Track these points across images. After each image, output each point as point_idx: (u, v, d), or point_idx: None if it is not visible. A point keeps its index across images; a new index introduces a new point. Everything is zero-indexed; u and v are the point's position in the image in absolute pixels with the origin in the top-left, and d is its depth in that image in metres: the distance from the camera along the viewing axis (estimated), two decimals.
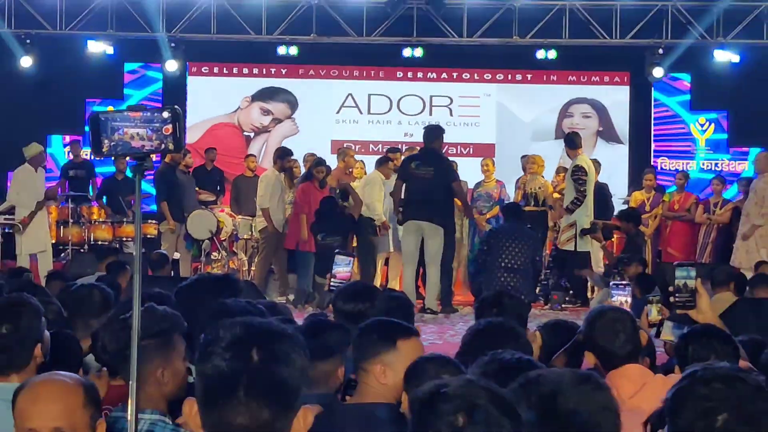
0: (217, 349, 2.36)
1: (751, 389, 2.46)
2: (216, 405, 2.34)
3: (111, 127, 2.86)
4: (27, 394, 3.20)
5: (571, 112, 20.85)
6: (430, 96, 20.76)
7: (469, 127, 20.55)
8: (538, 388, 2.62)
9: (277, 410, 2.34)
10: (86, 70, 19.87)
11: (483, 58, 20.16)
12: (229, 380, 2.33)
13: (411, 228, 13.22)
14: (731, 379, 2.48)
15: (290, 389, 2.37)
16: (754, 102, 19.69)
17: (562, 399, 2.58)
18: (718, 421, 2.42)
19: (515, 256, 12.73)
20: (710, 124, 20.66)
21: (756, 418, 2.42)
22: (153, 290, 5.41)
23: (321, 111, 20.60)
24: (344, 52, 20.03)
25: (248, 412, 2.32)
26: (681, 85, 20.67)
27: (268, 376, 2.34)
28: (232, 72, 20.91)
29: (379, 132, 20.11)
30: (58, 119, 19.28)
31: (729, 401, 2.43)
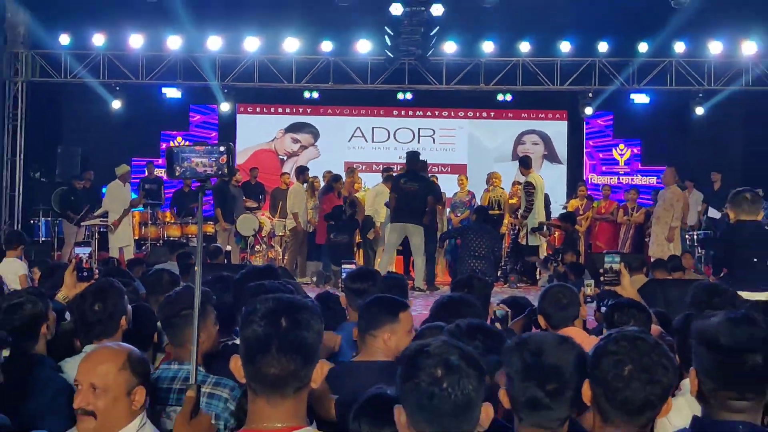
0: (254, 318, 2.40)
1: (649, 346, 2.45)
2: (254, 360, 2.36)
3: (181, 157, 2.91)
4: (84, 356, 3.22)
5: (523, 140, 20.81)
6: (418, 128, 20.72)
7: (447, 152, 20.53)
8: (527, 347, 2.59)
9: (301, 363, 2.37)
10: (161, 109, 19.89)
11: (457, 100, 20.12)
12: (264, 342, 2.36)
13: (397, 227, 13.16)
14: (634, 339, 2.47)
15: (310, 347, 2.40)
16: (661, 132, 19.73)
17: (546, 355, 2.55)
18: (624, 371, 2.40)
19: (481, 247, 12.78)
20: (628, 149, 20.67)
21: (652, 368, 2.41)
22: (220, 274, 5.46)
23: (336, 140, 20.56)
24: (354, 96, 19.98)
25: (279, 365, 2.34)
26: (605, 120, 20.67)
27: (294, 338, 2.37)
28: (270, 111, 20.90)
29: (380, 155, 20.11)
30: (139, 147, 19.26)
31: (632, 355, 2.42)
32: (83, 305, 4.15)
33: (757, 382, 2.53)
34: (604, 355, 2.47)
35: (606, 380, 2.43)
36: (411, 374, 2.27)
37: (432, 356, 2.27)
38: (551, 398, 2.51)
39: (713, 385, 2.56)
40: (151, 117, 19.79)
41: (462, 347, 2.34)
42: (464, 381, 2.23)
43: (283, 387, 2.35)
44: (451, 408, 2.22)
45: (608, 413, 2.45)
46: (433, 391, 2.22)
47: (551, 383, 2.51)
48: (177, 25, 17.72)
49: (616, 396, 2.41)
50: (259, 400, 2.38)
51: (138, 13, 16.93)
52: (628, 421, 2.43)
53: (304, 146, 20.79)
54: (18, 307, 4.13)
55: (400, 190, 13.21)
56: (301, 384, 2.39)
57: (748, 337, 2.52)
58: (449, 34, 18.30)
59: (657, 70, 18.76)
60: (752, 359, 2.51)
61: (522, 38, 18.61)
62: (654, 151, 19.97)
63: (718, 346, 2.54)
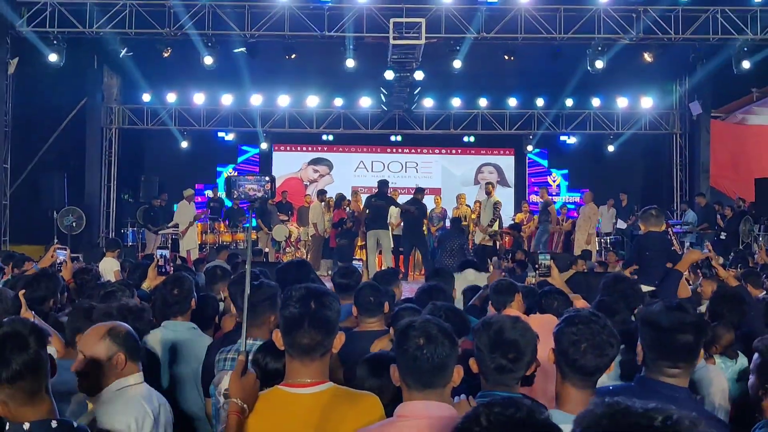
0: (291, 302, 2.41)
1: (600, 327, 2.43)
2: (291, 333, 2.38)
3: (238, 184, 2.92)
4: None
5: (482, 170, 20.77)
6: (405, 162, 20.69)
7: (426, 179, 20.42)
8: (492, 327, 2.61)
9: (326, 335, 2.39)
10: (217, 148, 19.89)
11: (434, 140, 20.14)
12: (298, 319, 2.37)
13: (371, 234, 13.11)
14: (588, 320, 2.45)
15: (332, 323, 2.41)
16: (583, 164, 19.77)
17: (506, 332, 2.57)
18: (581, 348, 2.39)
19: (454, 248, 12.74)
20: (559, 176, 20.71)
21: (603, 346, 2.40)
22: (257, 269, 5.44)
23: (345, 170, 20.53)
24: (358, 138, 19.96)
25: (310, 337, 2.36)
26: (542, 155, 20.69)
27: (321, 315, 2.39)
28: (297, 149, 20.84)
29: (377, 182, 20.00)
30: (200, 176, 19.26)
31: (586, 335, 2.41)
32: (164, 290, 4.14)
33: (687, 355, 2.54)
34: (565, 334, 2.44)
35: (566, 352, 2.42)
36: (402, 342, 2.29)
37: (417, 329, 2.29)
38: (513, 364, 2.54)
39: (653, 356, 2.56)
40: (210, 154, 19.78)
41: (440, 323, 2.35)
42: (440, 348, 2.24)
43: (313, 352, 2.37)
44: (430, 367, 2.23)
45: (566, 374, 2.45)
46: (416, 354, 2.24)
47: (512, 353, 2.55)
48: (229, 86, 17.81)
49: (574, 364, 2.41)
50: (295, 362, 2.39)
51: (200, 77, 16.95)
52: (582, 379, 2.42)
53: (322, 175, 20.77)
54: (112, 294, 4.14)
55: (371, 206, 13.23)
56: (325, 350, 2.40)
57: (680, 320, 2.52)
58: (428, 93, 18.36)
59: (579, 118, 18.86)
60: (683, 338, 2.51)
61: (480, 95, 18.71)
62: (578, 177, 20.01)
63: (658, 327, 2.54)
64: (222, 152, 20.04)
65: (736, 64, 14.27)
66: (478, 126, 19.10)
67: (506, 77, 17.68)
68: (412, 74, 15.50)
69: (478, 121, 19.04)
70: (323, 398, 2.35)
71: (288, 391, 2.37)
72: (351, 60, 14.65)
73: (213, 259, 9.81)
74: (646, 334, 2.59)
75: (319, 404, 2.34)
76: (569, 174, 20.51)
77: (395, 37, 13.33)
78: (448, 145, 20.57)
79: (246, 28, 14.34)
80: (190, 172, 18.84)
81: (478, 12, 14.26)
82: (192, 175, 18.64)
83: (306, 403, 2.34)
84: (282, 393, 2.39)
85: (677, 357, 2.52)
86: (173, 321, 4.01)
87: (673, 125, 18.72)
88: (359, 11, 14.15)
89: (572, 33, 14.24)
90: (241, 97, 18.38)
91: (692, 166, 18.09)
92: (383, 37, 13.70)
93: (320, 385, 2.38)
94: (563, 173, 20.66)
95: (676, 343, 2.51)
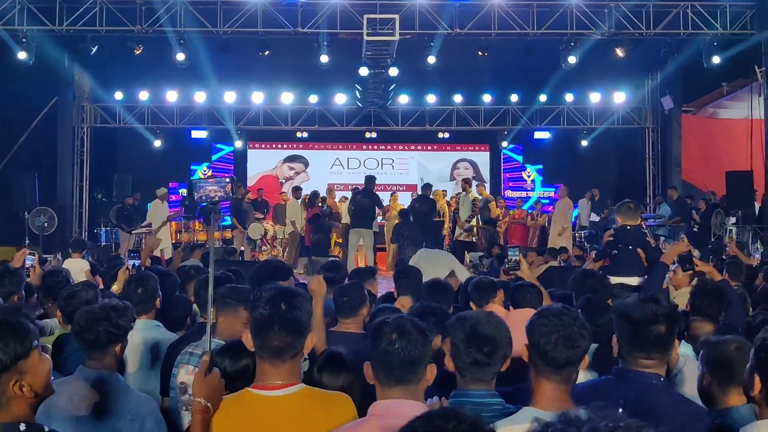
0: (260, 303, 2.36)
1: (570, 319, 2.42)
2: (261, 334, 2.34)
3: (198, 186, 2.89)
4: None
5: (458, 166, 20.83)
6: (381, 158, 20.64)
7: (403, 175, 20.49)
8: (467, 322, 2.60)
9: (296, 336, 2.34)
10: (190, 146, 19.70)
11: (409, 137, 20.10)
12: (268, 321, 2.32)
13: (355, 232, 13.04)
14: (559, 314, 2.44)
15: (303, 324, 2.36)
16: (557, 159, 19.85)
17: (480, 327, 2.56)
18: (552, 339, 2.38)
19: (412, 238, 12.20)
20: (534, 171, 20.80)
21: (574, 337, 2.38)
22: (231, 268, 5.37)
23: (321, 167, 20.44)
24: (334, 135, 19.89)
25: (280, 338, 2.31)
26: (517, 150, 20.76)
27: (291, 317, 2.33)
28: (272, 147, 20.71)
29: (353, 178, 19.83)
30: (174, 174, 19.05)
31: (557, 327, 2.39)
32: (128, 289, 4.14)
33: (660, 346, 2.55)
34: (537, 327, 2.43)
35: (538, 345, 2.40)
36: (375, 338, 2.28)
37: (390, 325, 2.28)
38: (489, 357, 2.53)
39: (628, 348, 2.58)
40: (183, 152, 19.61)
41: (412, 320, 2.35)
42: (412, 344, 2.24)
43: (283, 354, 2.32)
44: (402, 362, 2.22)
45: (540, 368, 2.42)
46: (389, 349, 2.23)
47: (487, 347, 2.53)
48: (202, 83, 17.62)
49: (546, 356, 2.39)
50: (265, 364, 2.34)
51: (173, 74, 16.79)
52: (555, 372, 2.40)
53: (298, 172, 20.65)
54: (76, 294, 4.06)
55: (356, 203, 13.15)
56: (296, 351, 2.35)
57: (653, 312, 2.53)
58: (402, 89, 18.35)
59: (553, 113, 18.95)
60: (656, 329, 2.53)
61: (455, 92, 18.71)
62: (552, 172, 20.10)
63: (631, 319, 2.56)
64: (196, 150, 19.85)
65: (707, 59, 14.42)
66: (453, 122, 19.11)
67: (480, 73, 17.70)
68: (387, 71, 15.47)
69: (453, 117, 19.06)
70: (294, 400, 2.31)
71: (258, 394, 2.32)
72: (325, 56, 14.57)
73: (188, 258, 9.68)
74: (620, 327, 2.61)
75: (290, 406, 2.29)
76: (543, 169, 20.60)
77: (369, 34, 13.27)
78: (423, 142, 20.53)
79: (218, 25, 14.19)
80: (163, 170, 18.64)
81: (451, 8, 14.26)
82: (165, 174, 18.44)
83: (277, 405, 2.30)
84: (252, 395, 2.33)
85: (651, 348, 2.54)
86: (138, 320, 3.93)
87: (645, 120, 18.88)
88: (333, 7, 14.08)
89: (545, 29, 14.29)
90: (215, 95, 18.21)
91: (664, 160, 18.26)
92: (357, 33, 13.64)
93: (291, 387, 2.33)
94: (538, 168, 20.73)
95: (650, 334, 2.52)
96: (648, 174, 18.75)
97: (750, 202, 13.92)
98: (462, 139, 20.41)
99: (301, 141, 20.21)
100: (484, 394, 2.55)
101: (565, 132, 19.44)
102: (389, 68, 15.34)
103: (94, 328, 2.91)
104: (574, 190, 16.01)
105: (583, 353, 2.45)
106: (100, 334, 2.91)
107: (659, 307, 2.55)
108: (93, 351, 2.93)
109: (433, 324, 3.12)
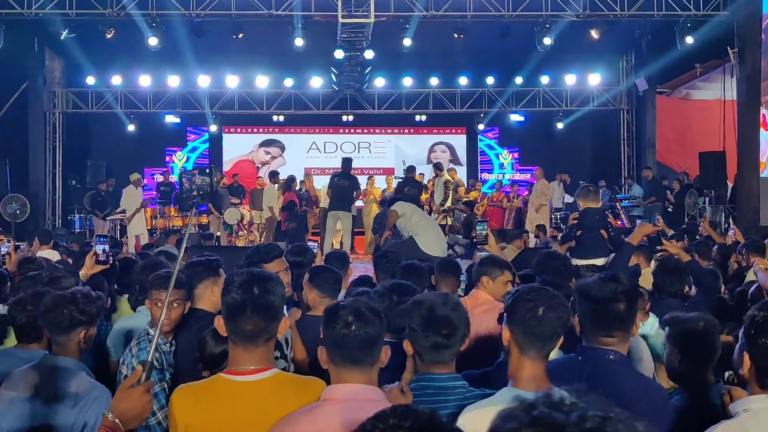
0: (233, 287, 2.33)
1: (551, 294, 2.42)
2: (233, 319, 2.31)
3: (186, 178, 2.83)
4: None
5: (435, 149, 20.83)
6: (358, 142, 20.60)
7: (380, 158, 20.47)
8: (423, 306, 2.60)
9: (269, 321, 2.32)
10: (164, 131, 19.51)
11: (386, 120, 20.07)
12: (240, 305, 2.29)
13: (333, 215, 12.78)
14: (539, 289, 2.44)
15: (276, 308, 2.34)
16: (533, 141, 19.95)
17: (437, 309, 2.56)
18: (539, 312, 2.36)
19: None
20: (510, 154, 20.86)
21: (557, 308, 2.37)
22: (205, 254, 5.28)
23: (298, 151, 20.34)
24: (310, 119, 19.78)
25: (253, 323, 2.29)
26: (493, 133, 20.80)
27: (263, 301, 2.30)
28: (247, 131, 20.58)
29: (330, 162, 19.76)
30: (148, 159, 18.86)
31: (542, 300, 2.38)
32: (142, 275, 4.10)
33: (620, 324, 2.57)
34: (521, 302, 2.41)
35: (524, 320, 2.38)
36: (330, 321, 2.26)
37: (346, 308, 2.26)
38: (448, 339, 2.54)
39: (590, 326, 2.60)
40: (157, 137, 19.42)
41: (368, 302, 2.34)
42: (369, 325, 2.22)
43: (256, 339, 2.29)
44: (358, 344, 2.20)
45: (524, 346, 2.39)
46: (345, 332, 2.21)
47: (445, 329, 2.54)
48: (175, 67, 17.43)
49: (533, 330, 2.37)
50: (238, 348, 2.31)
51: (145, 59, 16.54)
52: (540, 349, 2.38)
53: (274, 156, 20.53)
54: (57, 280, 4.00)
55: (334, 185, 12.96)
56: (269, 336, 2.32)
57: (613, 291, 2.55)
58: (378, 72, 18.26)
59: (529, 96, 18.97)
60: (616, 307, 2.55)
61: (431, 74, 18.66)
62: (528, 155, 20.19)
63: (591, 298, 2.57)
64: (170, 135, 19.66)
65: (680, 40, 14.48)
66: (430, 105, 19.07)
67: (456, 55, 17.64)
68: (363, 53, 15.37)
69: (430, 100, 19.01)
70: (267, 385, 2.28)
71: (231, 379, 2.29)
72: (300, 39, 14.41)
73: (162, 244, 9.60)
74: (582, 306, 2.63)
75: (263, 391, 2.27)
76: (520, 151, 20.66)
77: (344, 16, 13.17)
78: (400, 125, 20.49)
79: (191, 8, 13.98)
80: (137, 156, 18.44)
81: None
82: (140, 159, 18.25)
83: (250, 390, 2.27)
84: (225, 381, 2.30)
85: (611, 326, 2.57)
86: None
87: (620, 101, 18.97)
88: None
89: (520, 10, 14.24)
90: (188, 79, 18.00)
91: (639, 141, 18.39)
92: (332, 15, 13.51)
93: (264, 372, 2.30)
94: (513, 150, 20.79)
95: (610, 312, 2.55)
96: (623, 155, 18.88)
97: (723, 182, 14.08)
98: (439, 122, 20.39)
99: (277, 125, 20.07)
100: (447, 377, 2.55)
101: (540, 114, 19.49)
102: (365, 51, 15.24)
103: (59, 310, 2.87)
104: (549, 173, 16.07)
105: (566, 325, 2.45)
106: (64, 317, 2.86)
107: (619, 286, 2.56)
108: (55, 335, 2.89)
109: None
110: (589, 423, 0.99)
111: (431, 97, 19.00)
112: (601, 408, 1.03)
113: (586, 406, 1.03)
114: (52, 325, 2.89)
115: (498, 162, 20.90)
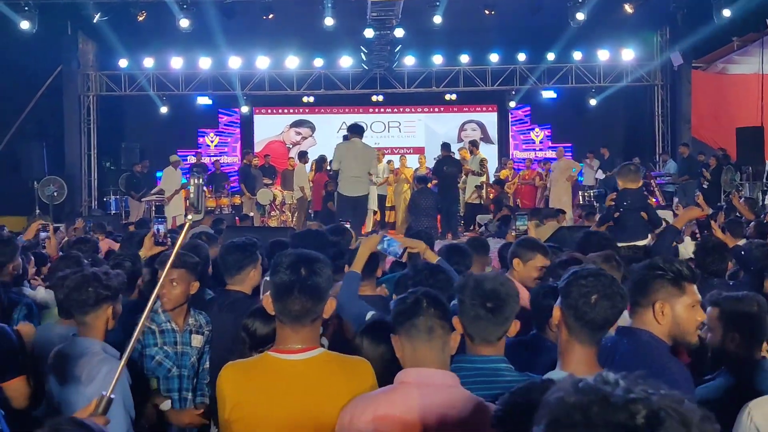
0: (281, 268, 2.37)
1: (608, 280, 2.39)
2: (281, 299, 2.35)
3: None
4: None
5: (465, 127, 20.65)
6: (388, 122, 20.53)
7: (410, 138, 20.39)
8: (472, 278, 2.61)
9: (315, 301, 2.36)
10: (196, 113, 19.63)
11: (416, 99, 19.94)
12: (288, 285, 2.34)
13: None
14: (597, 275, 2.40)
15: (323, 289, 2.37)
16: (565, 119, 19.67)
17: (486, 283, 2.55)
18: (591, 300, 2.34)
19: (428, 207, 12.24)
20: (541, 131, 20.63)
21: (614, 297, 2.35)
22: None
23: (328, 131, 20.25)
24: (339, 99, 19.74)
25: (300, 304, 2.33)
26: (525, 111, 20.59)
27: (310, 282, 2.35)
28: (278, 112, 20.62)
29: None
30: (180, 141, 18.95)
31: (597, 287, 2.35)
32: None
33: None
34: (575, 286, 2.38)
35: (576, 306, 2.35)
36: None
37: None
38: (492, 314, 2.51)
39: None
40: (189, 118, 19.53)
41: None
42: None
43: (303, 319, 2.33)
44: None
45: (575, 330, 2.37)
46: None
47: (491, 302, 2.51)
48: (207, 49, 17.51)
49: (584, 317, 2.35)
50: (286, 328, 2.36)
51: (177, 41, 16.65)
52: (591, 335, 2.37)
53: (305, 137, 20.57)
54: (119, 265, 4.04)
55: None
56: (315, 316, 2.37)
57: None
58: (408, 51, 18.16)
59: (561, 72, 18.71)
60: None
61: (462, 52, 18.49)
62: (560, 132, 19.95)
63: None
64: (202, 117, 19.80)
65: (717, 14, 14.17)
66: (460, 83, 18.92)
67: (487, 32, 17.48)
68: (392, 32, 15.31)
69: (460, 78, 18.86)
70: (314, 364, 2.33)
71: (278, 357, 2.35)
72: (330, 18, 14.40)
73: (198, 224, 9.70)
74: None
75: (309, 370, 2.32)
76: (552, 129, 20.44)
77: None
78: (430, 103, 20.36)
79: None
80: (170, 137, 18.58)
81: None
82: (172, 141, 18.39)
83: (296, 369, 2.32)
84: (272, 359, 2.36)
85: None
86: None
87: (654, 77, 18.66)
88: None
89: None
90: (219, 60, 18.08)
91: (674, 117, 18.09)
92: None
93: (311, 351, 2.35)
94: (545, 128, 20.59)
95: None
96: (657, 131, 18.59)
97: (760, 158, 13.83)
98: (469, 100, 20.22)
99: (307, 105, 20.09)
100: (490, 359, 2.52)
101: (573, 91, 19.22)
102: (395, 29, 15.18)
103: (84, 288, 2.93)
104: (582, 150, 15.92)
105: (620, 313, 2.43)
106: (89, 295, 2.92)
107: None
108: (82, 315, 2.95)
109: None
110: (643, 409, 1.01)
111: (462, 75, 18.85)
112: (650, 386, 1.05)
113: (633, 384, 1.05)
114: (78, 304, 2.94)
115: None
